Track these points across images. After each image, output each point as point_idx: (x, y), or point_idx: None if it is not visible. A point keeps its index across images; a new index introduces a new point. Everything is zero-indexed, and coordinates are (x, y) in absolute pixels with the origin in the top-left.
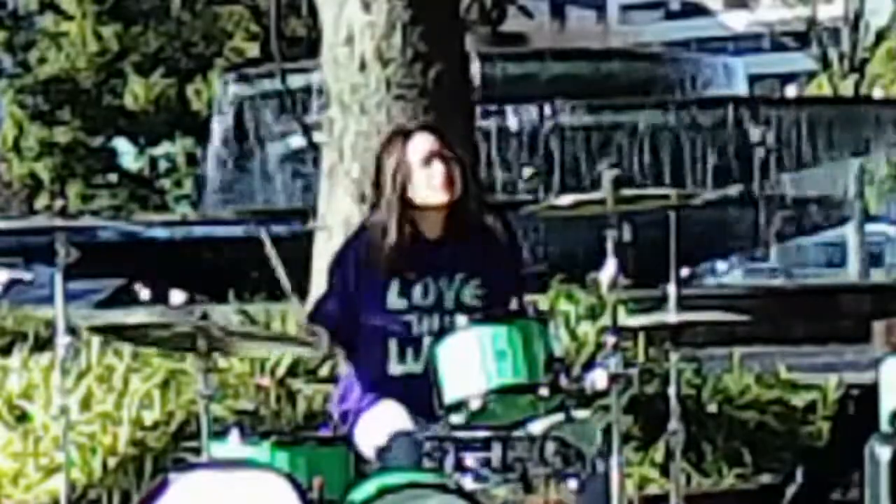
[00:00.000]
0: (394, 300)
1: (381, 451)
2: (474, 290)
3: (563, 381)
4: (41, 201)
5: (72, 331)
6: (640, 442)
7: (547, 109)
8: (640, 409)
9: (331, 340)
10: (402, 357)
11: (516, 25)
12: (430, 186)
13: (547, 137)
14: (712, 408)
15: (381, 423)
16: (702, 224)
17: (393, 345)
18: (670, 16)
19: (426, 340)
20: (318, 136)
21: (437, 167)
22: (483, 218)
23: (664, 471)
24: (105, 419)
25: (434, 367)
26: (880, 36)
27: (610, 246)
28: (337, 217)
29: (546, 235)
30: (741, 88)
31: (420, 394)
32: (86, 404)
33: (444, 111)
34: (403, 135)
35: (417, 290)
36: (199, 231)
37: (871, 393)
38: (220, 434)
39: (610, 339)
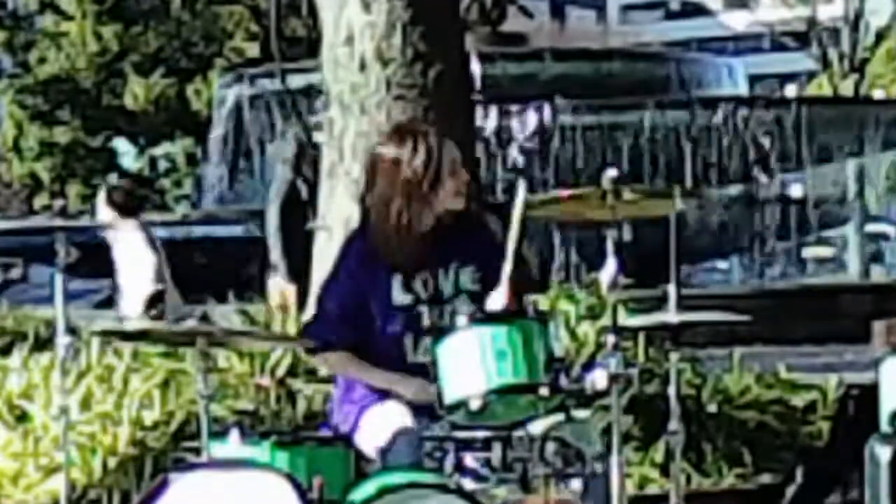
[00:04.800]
0: (399, 295)
1: (383, 450)
2: (470, 275)
3: (563, 381)
4: (41, 201)
5: (72, 331)
6: (640, 442)
7: (546, 109)
8: (640, 409)
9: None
10: (415, 349)
11: (516, 25)
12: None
13: (546, 137)
14: (712, 408)
15: (383, 421)
16: (701, 224)
17: (408, 340)
18: (670, 16)
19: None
20: (318, 136)
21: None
22: (481, 215)
23: (664, 471)
24: (105, 419)
25: (434, 367)
26: (880, 36)
27: (610, 246)
28: (337, 217)
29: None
30: (741, 88)
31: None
32: (86, 404)
33: (444, 111)
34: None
35: (419, 283)
36: (198, 231)
37: (871, 393)
38: (220, 434)
39: (610, 339)
